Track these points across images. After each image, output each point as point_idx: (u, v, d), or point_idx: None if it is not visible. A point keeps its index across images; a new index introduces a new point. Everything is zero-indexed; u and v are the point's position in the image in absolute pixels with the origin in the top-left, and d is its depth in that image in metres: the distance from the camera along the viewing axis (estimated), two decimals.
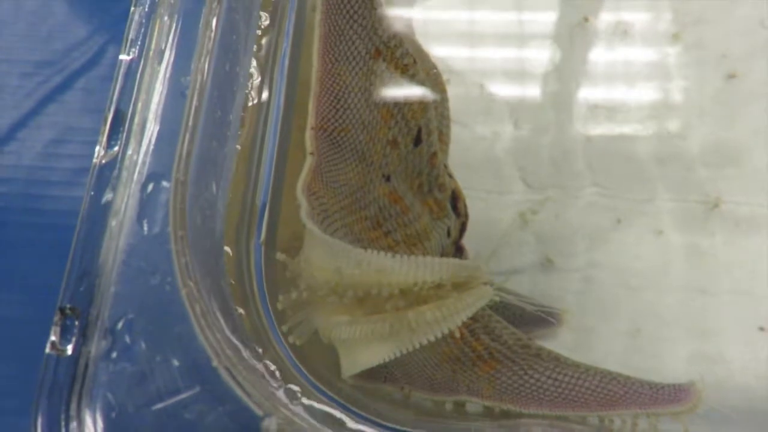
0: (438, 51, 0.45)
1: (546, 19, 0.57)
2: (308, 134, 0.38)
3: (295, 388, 0.36)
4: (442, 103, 0.43)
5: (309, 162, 0.38)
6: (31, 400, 0.32)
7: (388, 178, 0.39)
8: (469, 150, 0.52)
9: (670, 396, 0.36)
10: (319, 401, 0.36)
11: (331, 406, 0.35)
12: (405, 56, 0.41)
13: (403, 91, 0.41)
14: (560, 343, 0.45)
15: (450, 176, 0.41)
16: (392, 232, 0.38)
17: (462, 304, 0.34)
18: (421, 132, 0.40)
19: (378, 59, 0.40)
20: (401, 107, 0.40)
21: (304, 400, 0.35)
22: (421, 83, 0.41)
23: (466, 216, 0.42)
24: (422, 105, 0.41)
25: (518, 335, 0.38)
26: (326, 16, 0.40)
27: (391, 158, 0.39)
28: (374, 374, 0.38)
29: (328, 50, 0.40)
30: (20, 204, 0.51)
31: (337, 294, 0.34)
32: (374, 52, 0.40)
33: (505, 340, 0.37)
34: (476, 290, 0.35)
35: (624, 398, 0.36)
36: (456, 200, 0.41)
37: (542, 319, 0.44)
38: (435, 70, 0.44)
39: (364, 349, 0.35)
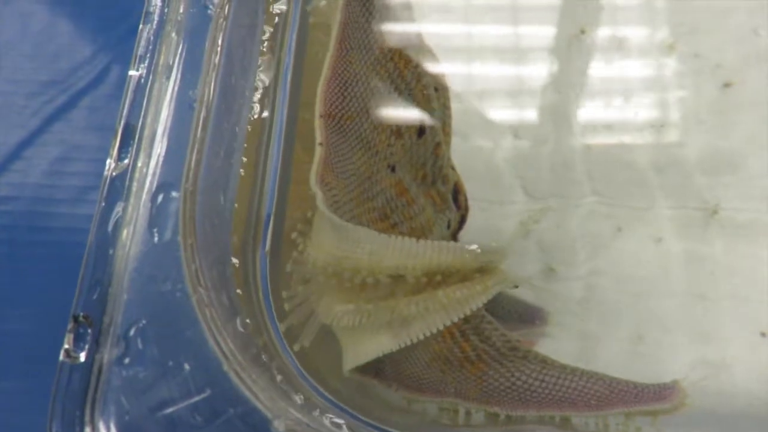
0: (436, 64, 0.46)
1: (544, 31, 0.57)
2: (317, 123, 0.38)
3: (301, 394, 0.36)
4: (443, 93, 0.43)
5: (319, 152, 0.37)
6: (44, 413, 0.33)
7: (393, 169, 0.39)
8: (470, 160, 0.52)
9: (654, 395, 0.36)
10: (325, 408, 0.36)
11: (338, 415, 0.36)
12: (410, 47, 0.41)
13: (406, 81, 0.41)
14: (563, 350, 0.44)
15: (452, 168, 0.41)
16: (399, 224, 0.38)
17: (481, 287, 0.35)
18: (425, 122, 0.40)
19: (384, 50, 0.41)
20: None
21: (311, 406, 0.36)
22: (424, 75, 0.42)
23: (466, 209, 0.42)
24: (425, 96, 0.41)
25: (507, 337, 0.37)
26: (347, 3, 0.41)
27: (395, 148, 0.40)
28: (366, 370, 0.39)
29: (346, 37, 0.40)
30: (27, 222, 0.51)
31: (354, 279, 0.35)
32: (382, 42, 0.41)
33: (494, 342, 0.37)
34: (497, 274, 0.35)
35: (609, 398, 0.36)
36: (457, 193, 0.41)
37: (530, 318, 0.45)
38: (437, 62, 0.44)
39: (372, 338, 0.36)
